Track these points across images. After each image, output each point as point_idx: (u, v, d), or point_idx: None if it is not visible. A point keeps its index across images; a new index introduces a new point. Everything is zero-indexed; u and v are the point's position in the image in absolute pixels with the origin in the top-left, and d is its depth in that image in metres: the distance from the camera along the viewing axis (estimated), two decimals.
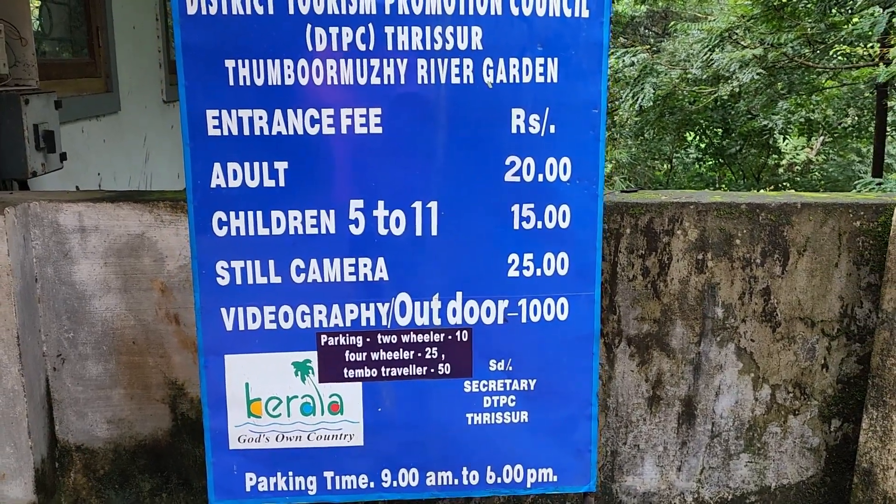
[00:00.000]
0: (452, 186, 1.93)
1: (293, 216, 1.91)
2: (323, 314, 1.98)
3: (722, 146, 12.34)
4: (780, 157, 13.79)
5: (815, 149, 15.05)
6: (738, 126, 11.53)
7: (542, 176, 1.95)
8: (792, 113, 10.80)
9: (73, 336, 2.67)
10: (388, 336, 2.00)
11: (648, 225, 2.67)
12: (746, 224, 2.69)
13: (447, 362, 2.03)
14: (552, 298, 2.01)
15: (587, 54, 1.89)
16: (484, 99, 1.89)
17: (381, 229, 1.94)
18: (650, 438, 2.85)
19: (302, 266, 1.95)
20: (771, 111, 10.53)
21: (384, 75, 1.86)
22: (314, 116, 1.87)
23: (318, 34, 1.82)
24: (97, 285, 2.64)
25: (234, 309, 1.96)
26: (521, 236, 1.97)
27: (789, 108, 10.57)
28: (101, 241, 2.61)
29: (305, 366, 2.00)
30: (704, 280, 2.72)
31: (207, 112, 1.84)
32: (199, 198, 1.89)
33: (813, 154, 15.17)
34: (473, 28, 1.85)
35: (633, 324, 2.75)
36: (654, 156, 14.23)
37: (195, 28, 1.80)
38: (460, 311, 2.00)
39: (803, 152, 15.48)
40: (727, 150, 12.58)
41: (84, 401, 2.73)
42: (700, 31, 8.98)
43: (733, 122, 11.73)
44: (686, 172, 14.78)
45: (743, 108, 10.75)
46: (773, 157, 13.08)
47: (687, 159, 14.39)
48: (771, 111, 10.53)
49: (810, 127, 11.47)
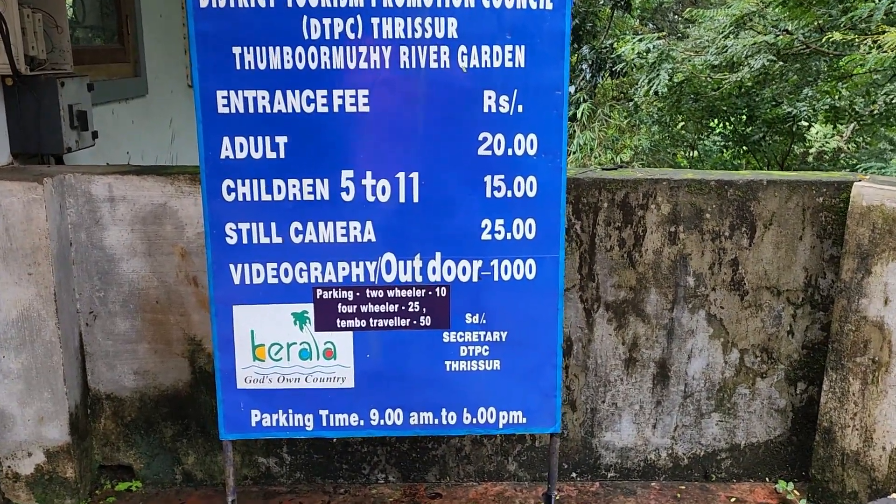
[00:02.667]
0: (431, 159, 2.16)
1: (292, 184, 2.17)
2: (318, 271, 2.23)
3: (746, 133, 12.26)
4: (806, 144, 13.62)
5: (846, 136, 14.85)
6: (763, 113, 11.44)
7: (512, 150, 2.17)
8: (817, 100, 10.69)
9: (103, 295, 2.95)
10: (375, 291, 2.25)
11: (624, 199, 2.88)
12: (716, 199, 2.89)
13: (428, 315, 2.27)
14: (521, 259, 2.25)
15: (551, 42, 2.12)
16: (459, 82, 2.12)
17: (369, 196, 2.18)
18: (627, 397, 3.08)
19: (300, 228, 2.20)
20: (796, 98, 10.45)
21: (371, 60, 2.10)
22: (310, 97, 2.11)
23: (313, 24, 2.08)
24: (125, 249, 2.91)
25: (241, 265, 2.22)
26: (493, 204, 2.20)
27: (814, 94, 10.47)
28: (128, 210, 2.88)
29: (303, 316, 2.26)
30: (677, 251, 2.92)
31: (217, 92, 2.11)
32: (210, 168, 2.15)
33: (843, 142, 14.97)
34: (449, 19, 2.09)
35: (610, 291, 2.97)
36: (676, 143, 14.18)
37: (206, 19, 2.06)
38: (439, 269, 2.24)
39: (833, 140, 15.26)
40: (751, 138, 12.49)
41: (113, 353, 3.01)
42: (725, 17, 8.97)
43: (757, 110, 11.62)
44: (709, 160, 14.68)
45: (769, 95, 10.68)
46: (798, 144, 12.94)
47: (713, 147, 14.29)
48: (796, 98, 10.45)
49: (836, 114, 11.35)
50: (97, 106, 3.90)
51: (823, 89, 10.42)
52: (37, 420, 2.87)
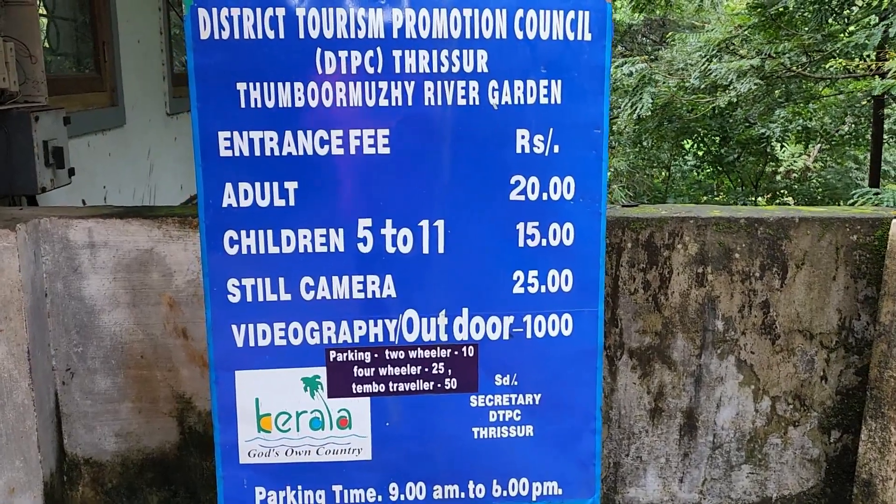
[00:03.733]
0: (459, 205, 1.96)
1: (303, 235, 1.95)
2: (332, 330, 2.01)
3: (720, 154, 12.37)
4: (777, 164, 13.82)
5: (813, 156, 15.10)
6: (736, 134, 11.56)
7: (547, 195, 1.98)
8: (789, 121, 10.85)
9: (82, 350, 2.70)
10: (395, 352, 2.03)
11: (649, 239, 2.71)
12: (745, 238, 2.72)
13: (454, 377, 2.05)
14: (556, 314, 2.05)
15: (590, 76, 1.93)
16: (489, 120, 1.93)
17: (389, 247, 1.97)
18: (652, 450, 2.88)
19: (311, 283, 1.98)
20: (768, 119, 10.58)
21: (392, 97, 1.90)
22: (323, 137, 1.90)
23: (327, 58, 1.86)
24: (106, 300, 2.67)
25: (244, 325, 1.99)
26: (525, 254, 2.00)
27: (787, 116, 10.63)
28: (110, 257, 2.64)
29: (314, 381, 2.03)
30: (704, 293, 2.75)
31: (219, 133, 1.88)
32: (210, 217, 1.92)
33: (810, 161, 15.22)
34: (479, 51, 1.89)
35: (634, 336, 2.78)
36: (652, 164, 14.26)
37: (208, 52, 1.84)
38: (466, 327, 2.03)
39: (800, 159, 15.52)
40: (725, 158, 12.61)
41: (93, 414, 2.75)
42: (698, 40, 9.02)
43: (731, 131, 11.76)
44: (684, 180, 14.80)
45: (741, 116, 10.79)
46: (770, 164, 13.12)
47: (685, 167, 14.41)
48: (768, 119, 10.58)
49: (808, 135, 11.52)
50: (72, 139, 3.67)
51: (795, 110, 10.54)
52: (7, 492, 2.59)
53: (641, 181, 14.76)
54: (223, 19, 1.83)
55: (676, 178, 14.70)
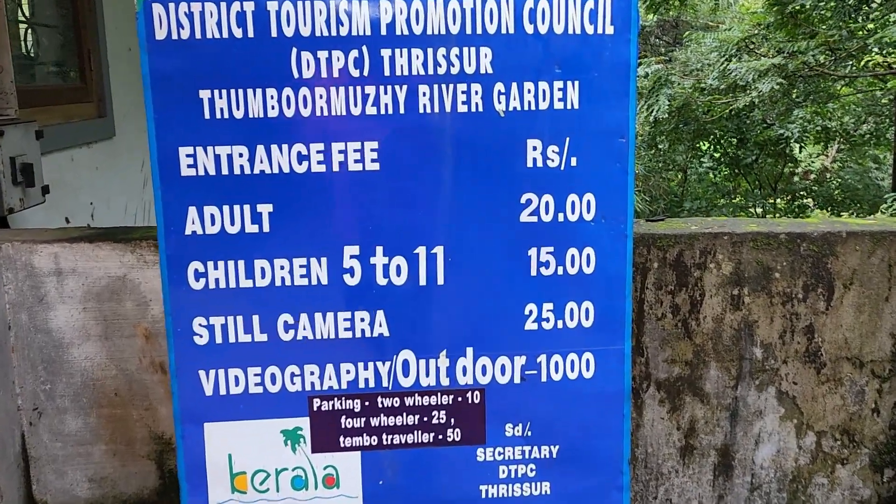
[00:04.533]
0: (460, 229, 1.72)
1: (279, 265, 1.70)
2: (315, 375, 1.76)
3: (737, 156, 12.18)
4: (795, 165, 13.63)
5: (831, 156, 14.87)
6: (754, 135, 11.37)
7: (563, 215, 1.74)
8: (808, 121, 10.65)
9: (50, 388, 2.47)
10: (389, 399, 1.79)
11: (678, 258, 2.45)
12: (786, 256, 2.46)
13: (457, 427, 1.81)
14: (576, 354, 1.79)
15: (612, 76, 1.67)
16: (495, 129, 1.69)
17: (380, 279, 1.73)
18: (683, 492, 2.61)
19: (290, 322, 1.74)
20: (787, 120, 10.37)
21: (381, 104, 1.66)
22: (302, 152, 1.66)
23: (304, 59, 1.62)
24: (75, 332, 2.43)
25: (214, 371, 1.74)
26: (539, 284, 1.76)
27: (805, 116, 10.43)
28: (78, 285, 2.40)
29: (296, 434, 1.78)
30: (741, 318, 2.49)
31: (180, 150, 1.63)
32: (172, 246, 1.67)
33: (828, 161, 15.00)
34: (482, 49, 1.64)
35: (662, 366, 2.52)
36: (668, 167, 14.05)
37: (165, 55, 1.58)
38: (471, 369, 1.79)
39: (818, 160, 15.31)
40: (743, 160, 12.43)
41: (63, 458, 2.52)
42: (714, 40, 8.80)
43: (749, 132, 11.59)
44: (701, 183, 14.60)
45: (758, 117, 10.59)
46: (789, 165, 12.91)
47: (700, 169, 14.21)
48: (787, 120, 10.37)
49: (827, 135, 11.30)
50: (53, 153, 3.44)
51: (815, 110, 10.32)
52: None
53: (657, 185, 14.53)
54: (182, 16, 1.58)
55: (692, 181, 14.50)
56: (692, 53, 9.84)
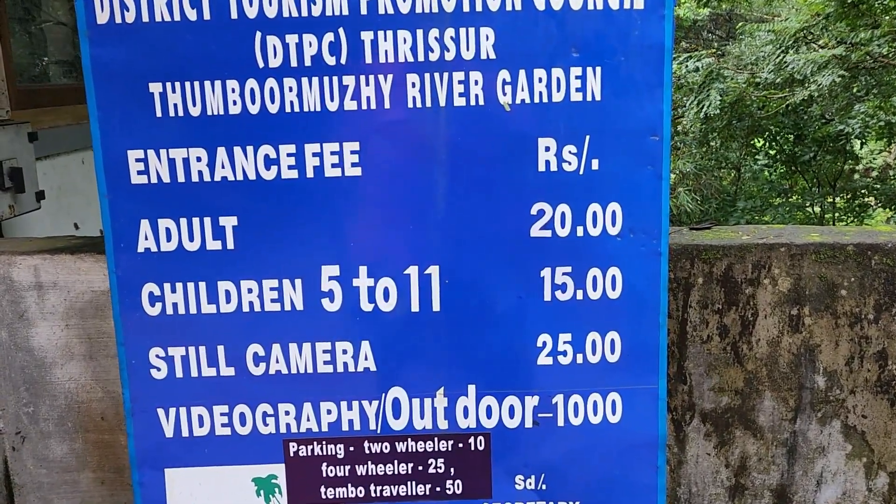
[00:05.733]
0: (459, 246, 1.52)
1: (247, 288, 1.52)
2: (291, 416, 1.58)
3: (794, 153, 11.79)
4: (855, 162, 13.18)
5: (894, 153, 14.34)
6: (812, 131, 10.98)
7: (583, 229, 1.52)
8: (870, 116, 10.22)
9: (33, 410, 2.30)
10: (377, 444, 1.59)
11: (727, 273, 2.18)
12: (855, 270, 2.17)
13: (458, 479, 1.60)
14: (599, 394, 1.56)
15: (642, 61, 1.43)
16: (499, 126, 1.48)
17: (365, 304, 1.53)
18: None
19: (261, 353, 1.56)
20: (847, 115, 9.95)
21: (361, 98, 1.46)
22: (270, 156, 1.47)
23: (270, 45, 1.42)
24: (58, 351, 2.27)
25: (174, 409, 1.57)
26: (554, 311, 1.55)
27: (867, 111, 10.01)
28: (60, 300, 2.23)
29: (270, 483, 1.60)
30: (800, 341, 2.22)
31: (129, 153, 1.45)
32: (123, 266, 1.48)
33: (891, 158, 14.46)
34: (482, 30, 1.42)
35: (708, 396, 2.26)
36: (720, 165, 13.69)
37: (108, 42, 1.39)
38: (474, 410, 1.58)
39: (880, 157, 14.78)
40: (800, 157, 12.03)
41: (48, 485, 2.36)
42: (768, 32, 8.40)
43: (806, 128, 11.20)
44: (755, 181, 14.21)
45: (817, 112, 10.19)
46: (849, 162, 12.46)
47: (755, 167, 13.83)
48: (847, 115, 9.95)
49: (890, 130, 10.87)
50: (61, 156, 3.31)
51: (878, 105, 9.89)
52: None
53: (709, 183, 14.18)
54: None
55: (746, 179, 14.12)
56: (746, 47, 9.45)
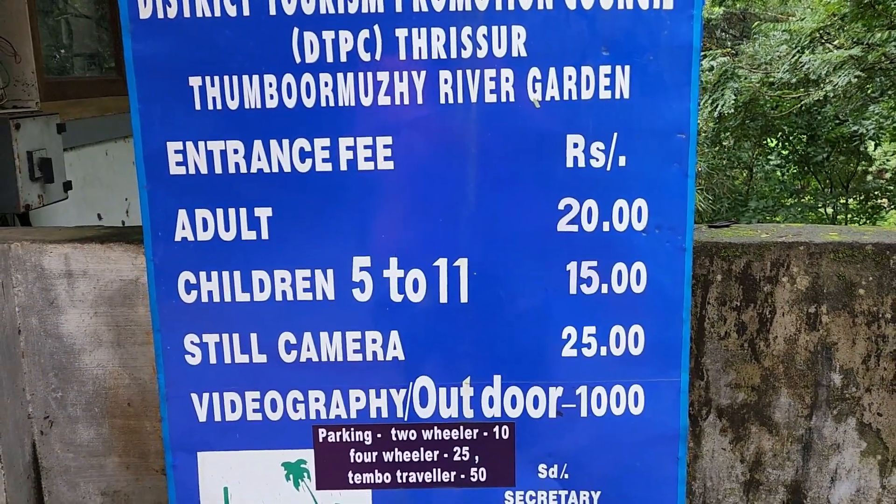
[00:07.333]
0: (487, 239, 1.55)
1: (280, 277, 1.56)
2: (321, 402, 1.61)
3: (807, 153, 11.69)
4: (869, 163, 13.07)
5: None
6: (826, 132, 10.89)
7: (609, 224, 1.55)
8: (885, 117, 10.14)
9: (61, 396, 2.35)
10: (404, 431, 1.63)
11: (745, 270, 2.20)
12: (873, 269, 2.19)
13: (482, 466, 1.63)
14: (622, 386, 1.60)
15: (671, 61, 1.46)
16: (529, 122, 1.51)
17: (395, 294, 1.57)
18: None
19: (293, 341, 1.59)
20: (861, 116, 9.88)
21: (395, 93, 1.49)
22: (305, 149, 1.51)
23: (307, 41, 1.46)
24: (87, 338, 2.31)
25: (207, 395, 1.61)
26: (579, 304, 1.57)
27: (882, 112, 9.93)
28: (90, 288, 2.28)
29: (299, 468, 1.64)
30: (817, 339, 2.23)
31: (169, 145, 1.49)
32: (160, 254, 1.52)
33: None
34: (514, 28, 1.46)
35: (725, 392, 2.28)
36: (732, 164, 13.61)
37: (150, 37, 1.43)
38: (499, 400, 1.61)
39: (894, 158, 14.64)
40: (813, 158, 11.94)
41: (75, 469, 2.40)
42: (783, 31, 8.37)
43: (820, 128, 11.11)
44: (768, 181, 14.12)
45: (831, 112, 10.11)
46: (862, 164, 12.36)
47: (767, 167, 13.74)
48: (861, 116, 9.88)
49: None
50: (86, 147, 3.36)
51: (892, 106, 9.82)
52: None
53: (721, 183, 14.11)
54: None
55: (759, 179, 14.03)
56: (760, 46, 9.41)
